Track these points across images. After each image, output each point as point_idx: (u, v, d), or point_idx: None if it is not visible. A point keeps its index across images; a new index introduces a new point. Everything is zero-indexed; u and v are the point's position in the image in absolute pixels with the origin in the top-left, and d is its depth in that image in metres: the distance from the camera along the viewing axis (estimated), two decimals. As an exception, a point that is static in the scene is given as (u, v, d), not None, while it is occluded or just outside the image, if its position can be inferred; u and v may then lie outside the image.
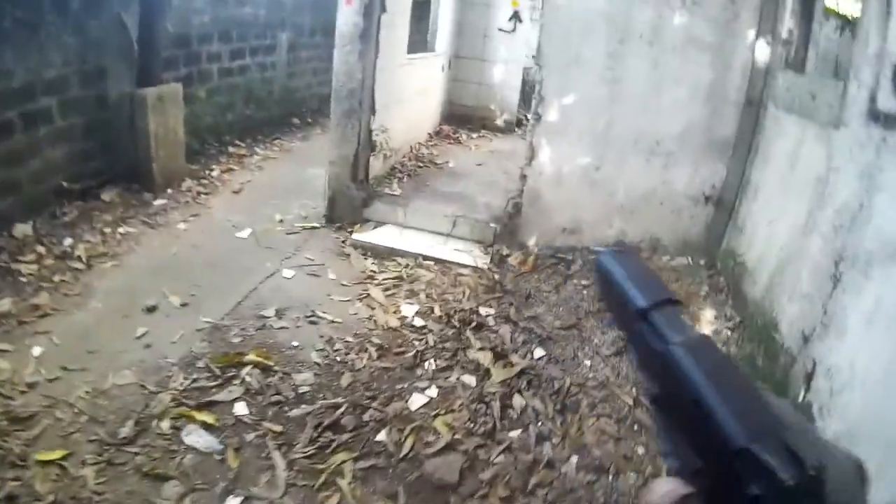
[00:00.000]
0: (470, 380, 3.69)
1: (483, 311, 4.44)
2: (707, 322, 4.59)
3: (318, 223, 5.61)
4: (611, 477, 3.09)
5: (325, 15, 7.82)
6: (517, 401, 3.54)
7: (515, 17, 9.52)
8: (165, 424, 3.03)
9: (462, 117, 9.83)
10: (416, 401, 3.46)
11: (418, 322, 4.26)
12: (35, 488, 2.57)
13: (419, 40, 8.37)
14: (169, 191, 6.03)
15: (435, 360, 3.84)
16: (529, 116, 5.93)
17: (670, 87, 5.12)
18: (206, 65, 7.43)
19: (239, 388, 3.36)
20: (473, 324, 4.23)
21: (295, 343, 3.86)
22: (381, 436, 3.17)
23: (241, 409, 3.23)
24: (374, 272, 4.89)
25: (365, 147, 5.59)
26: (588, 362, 4.03)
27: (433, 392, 3.56)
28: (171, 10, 6.26)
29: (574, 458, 3.17)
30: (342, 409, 3.29)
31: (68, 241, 4.69)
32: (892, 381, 2.60)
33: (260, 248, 5.13)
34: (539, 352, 4.06)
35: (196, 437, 2.98)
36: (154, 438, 2.95)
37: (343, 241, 5.31)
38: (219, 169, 6.82)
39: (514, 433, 3.31)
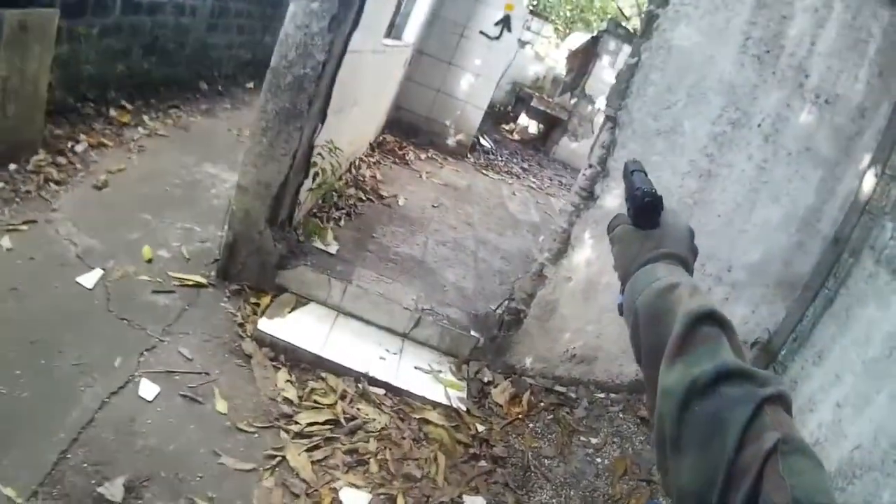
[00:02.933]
0: None
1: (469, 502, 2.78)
2: None
3: (205, 276, 3.54)
4: None
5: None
6: None
7: (505, 22, 7.74)
8: None
9: (409, 127, 7.93)
10: None
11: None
12: None
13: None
14: (11, 167, 3.84)
15: None
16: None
17: (767, 202, 3.60)
18: None
19: None
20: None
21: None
22: None
23: None
24: (292, 403, 2.94)
25: (298, 172, 3.56)
26: None
27: None
28: None
29: None
30: None
31: None
32: None
33: (108, 319, 3.00)
34: None
35: None
36: None
37: (242, 326, 3.29)
38: (87, 141, 4.55)
39: None
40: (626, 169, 1.00)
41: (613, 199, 3.42)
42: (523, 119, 12.27)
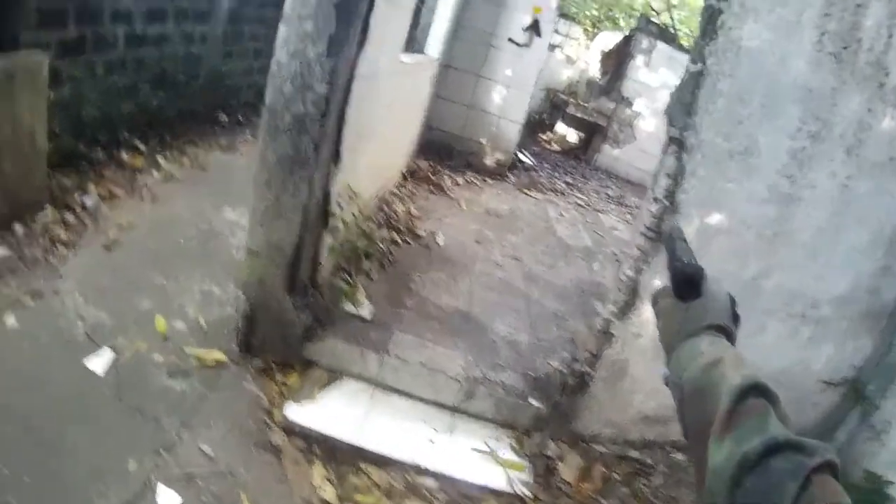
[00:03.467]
0: None
1: None
2: None
3: (226, 351, 3.09)
4: None
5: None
6: None
7: (534, 27, 7.17)
8: None
9: (442, 148, 7.39)
10: None
11: None
12: None
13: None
14: (16, 228, 3.50)
15: None
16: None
17: (852, 224, 3.02)
18: (109, 26, 4.74)
19: None
20: None
21: None
22: None
23: None
24: (330, 510, 2.49)
25: (314, 228, 3.06)
26: None
27: None
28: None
29: None
30: None
31: None
32: None
33: (120, 410, 2.59)
34: None
35: None
36: None
37: (269, 413, 2.83)
38: (97, 192, 4.16)
39: None
40: (666, 237, 1.01)
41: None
42: (561, 127, 11.71)
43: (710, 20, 2.56)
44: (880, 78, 2.69)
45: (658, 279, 2.92)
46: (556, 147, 11.44)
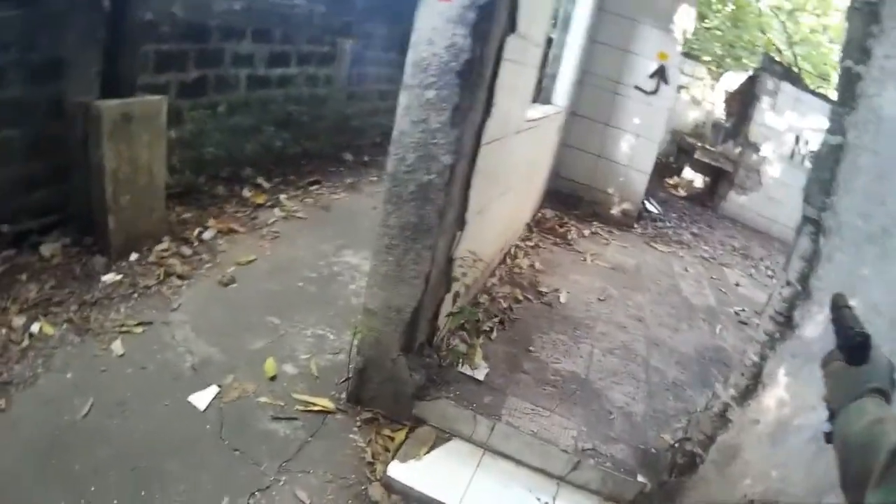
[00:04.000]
0: None
1: None
2: None
3: (334, 400, 3.10)
4: None
5: (407, 25, 5.38)
6: None
7: (660, 73, 6.96)
8: None
9: (568, 197, 7.33)
10: None
11: None
12: None
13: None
14: (132, 257, 3.82)
15: None
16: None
17: None
18: (231, 69, 5.03)
19: None
20: None
21: None
22: None
23: None
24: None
25: (436, 290, 3.05)
26: None
27: None
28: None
29: None
30: None
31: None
32: None
33: (220, 448, 2.70)
34: None
35: None
36: None
37: (371, 466, 2.80)
38: (216, 227, 4.36)
39: None
40: (834, 304, 1.11)
41: (815, 328, 2.59)
42: (688, 172, 11.27)
43: (849, 86, 2.34)
44: None
45: (783, 368, 2.65)
46: (681, 192, 11.01)
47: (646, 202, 8.23)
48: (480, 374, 3.34)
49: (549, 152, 6.43)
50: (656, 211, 8.69)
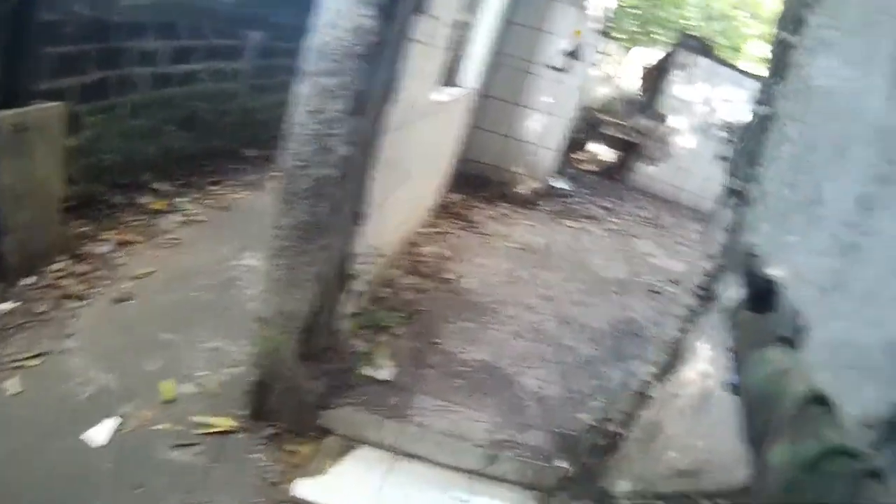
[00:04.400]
0: None
1: None
2: None
3: (236, 419, 2.93)
4: None
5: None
6: None
7: (575, 51, 6.96)
8: None
9: (476, 180, 7.20)
10: None
11: None
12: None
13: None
14: (29, 280, 3.48)
15: None
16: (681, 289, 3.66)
17: None
18: (135, 68, 4.70)
19: None
20: None
21: None
22: None
23: None
24: None
25: (333, 291, 2.91)
26: None
27: None
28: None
29: None
30: None
31: None
32: None
33: (122, 487, 2.46)
34: None
35: None
36: None
37: (277, 486, 2.66)
38: (115, 238, 4.08)
39: None
40: (742, 255, 1.14)
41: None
42: (597, 147, 11.43)
43: (782, 57, 2.31)
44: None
45: (705, 341, 2.67)
46: (591, 167, 11.17)
47: (555, 179, 8.30)
48: (386, 375, 3.21)
49: (456, 137, 6.29)
50: (566, 187, 8.74)
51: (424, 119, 4.00)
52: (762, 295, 1.01)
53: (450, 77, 5.64)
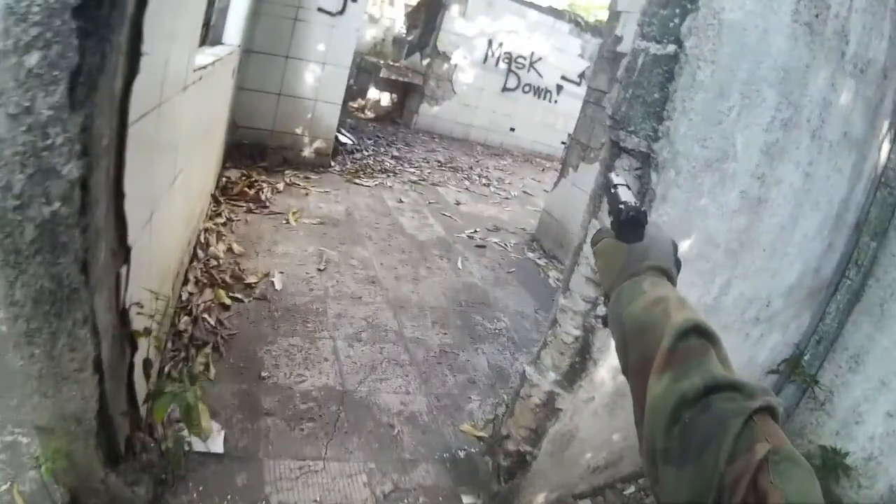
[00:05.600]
0: None
1: None
2: None
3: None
4: None
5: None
6: None
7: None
8: None
9: (252, 148, 6.22)
10: None
11: None
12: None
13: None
14: None
15: None
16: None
17: (808, 212, 2.69)
18: None
19: None
20: None
21: None
22: None
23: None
24: None
25: (117, 369, 1.95)
26: None
27: None
28: None
29: None
30: None
31: None
32: None
33: None
34: None
35: None
36: None
37: None
38: None
39: None
40: (608, 183, 1.01)
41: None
42: (373, 92, 10.86)
43: None
44: (842, 47, 2.28)
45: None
46: (369, 114, 10.61)
47: (338, 134, 7.57)
48: (217, 445, 2.41)
49: (224, 104, 5.25)
50: (351, 142, 8.05)
51: (186, 90, 3.05)
52: (630, 223, 0.91)
53: (210, 34, 4.69)
